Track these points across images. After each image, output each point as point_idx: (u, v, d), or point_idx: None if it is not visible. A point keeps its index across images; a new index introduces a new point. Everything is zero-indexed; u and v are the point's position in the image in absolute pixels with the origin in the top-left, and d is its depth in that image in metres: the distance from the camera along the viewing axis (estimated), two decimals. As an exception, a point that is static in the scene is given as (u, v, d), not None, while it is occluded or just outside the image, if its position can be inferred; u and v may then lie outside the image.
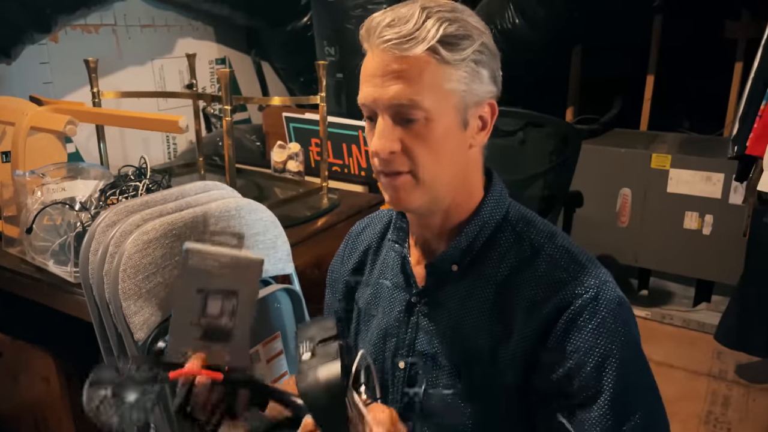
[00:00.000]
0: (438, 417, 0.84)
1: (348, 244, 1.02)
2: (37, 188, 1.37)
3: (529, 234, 0.81)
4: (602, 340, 0.72)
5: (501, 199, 0.83)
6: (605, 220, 2.85)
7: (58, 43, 2.44)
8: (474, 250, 0.81)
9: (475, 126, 0.77)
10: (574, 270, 0.76)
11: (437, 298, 0.83)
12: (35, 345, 1.53)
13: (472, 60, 0.73)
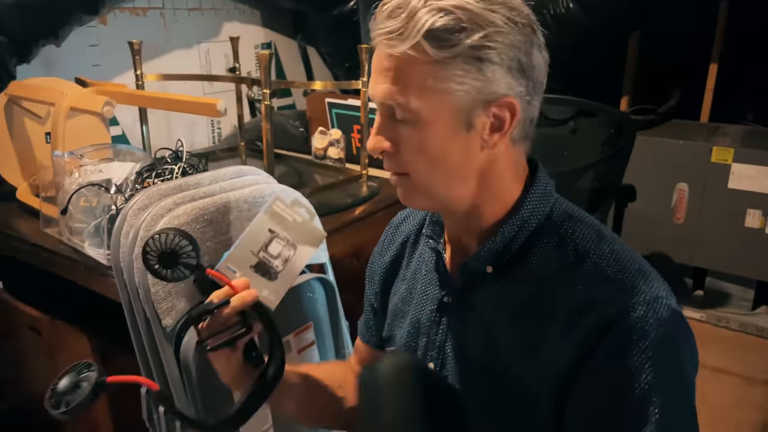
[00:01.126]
0: (466, 428, 0.78)
1: (387, 236, 0.99)
2: (75, 169, 1.37)
3: (574, 237, 0.72)
4: (646, 373, 0.63)
5: (545, 196, 0.75)
6: (660, 216, 2.71)
7: (107, 25, 2.46)
8: (511, 252, 0.74)
9: (484, 127, 0.68)
10: (621, 281, 0.67)
11: (470, 300, 0.77)
12: (72, 324, 1.54)
13: (470, 56, 0.64)
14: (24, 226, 1.60)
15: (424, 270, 0.87)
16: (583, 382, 0.67)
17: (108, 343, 1.51)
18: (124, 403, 1.52)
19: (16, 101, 1.70)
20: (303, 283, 1.36)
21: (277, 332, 0.87)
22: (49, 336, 1.60)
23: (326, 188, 1.89)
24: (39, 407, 1.75)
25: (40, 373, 1.69)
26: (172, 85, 2.44)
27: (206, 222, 1.20)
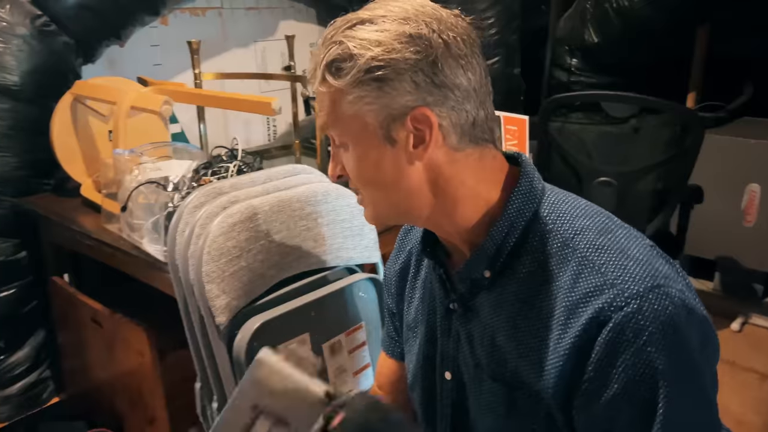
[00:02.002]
0: None
1: (397, 243, 0.96)
2: (135, 167, 1.40)
3: (563, 232, 0.69)
4: (646, 368, 0.60)
5: (529, 194, 0.72)
6: (728, 219, 2.57)
7: (168, 26, 2.52)
8: (503, 255, 0.71)
9: (408, 140, 0.68)
10: (614, 275, 0.63)
11: (473, 306, 0.75)
12: (132, 319, 1.58)
13: (366, 78, 0.66)
14: (88, 222, 1.66)
15: (431, 278, 0.85)
16: (584, 382, 0.63)
17: (165, 337, 1.54)
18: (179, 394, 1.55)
19: (81, 100, 1.76)
20: (355, 282, 1.35)
21: None
22: (109, 329, 1.64)
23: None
24: (101, 397, 1.81)
25: (102, 364, 1.74)
26: (228, 83, 2.48)
27: (260, 220, 1.20)
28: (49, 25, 1.85)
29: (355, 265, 1.40)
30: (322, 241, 1.31)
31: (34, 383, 1.98)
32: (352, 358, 1.35)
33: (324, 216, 1.31)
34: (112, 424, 1.74)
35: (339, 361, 1.33)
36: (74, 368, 1.91)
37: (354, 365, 1.36)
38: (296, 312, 1.24)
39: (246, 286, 1.18)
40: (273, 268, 1.23)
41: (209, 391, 1.25)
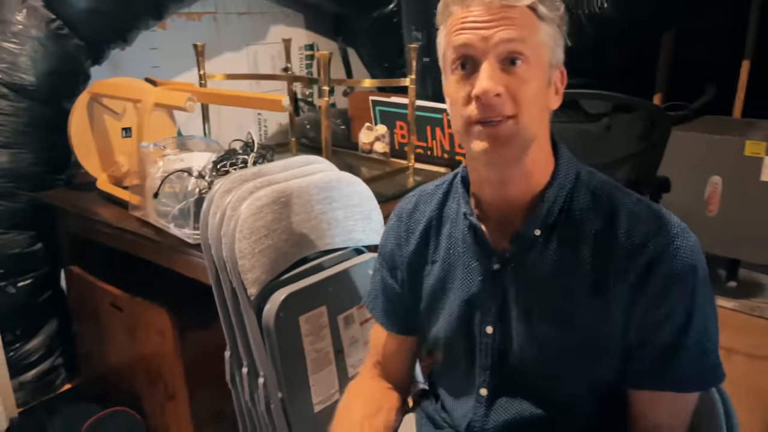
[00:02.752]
0: (529, 380, 0.88)
1: (402, 225, 1.01)
2: (159, 159, 1.52)
3: (604, 191, 0.85)
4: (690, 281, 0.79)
5: (571, 161, 0.88)
6: (693, 209, 2.77)
7: (166, 30, 2.63)
8: (554, 214, 0.85)
9: (553, 87, 0.83)
10: (654, 222, 0.81)
11: (522, 265, 0.87)
12: (152, 302, 1.69)
13: (557, 23, 0.81)
14: (107, 213, 1.76)
15: (460, 248, 0.92)
16: (640, 312, 0.81)
17: (184, 317, 1.66)
18: (198, 370, 1.67)
19: (98, 99, 1.87)
20: (363, 261, 1.49)
21: None
22: (129, 312, 1.75)
23: (376, 179, 2.02)
24: (118, 379, 1.91)
25: (121, 346, 1.85)
26: (222, 85, 2.60)
27: (283, 204, 1.34)
28: (62, 28, 1.96)
29: (364, 246, 1.54)
30: (335, 224, 1.45)
31: (47, 370, 2.07)
32: (362, 330, 1.49)
33: (337, 201, 1.45)
34: (130, 403, 1.85)
35: (351, 332, 1.47)
36: (90, 354, 2.01)
37: (364, 336, 1.49)
38: (315, 286, 1.37)
39: (272, 262, 1.32)
40: (294, 246, 1.37)
41: (238, 359, 1.38)
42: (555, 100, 0.84)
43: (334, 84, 1.83)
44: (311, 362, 1.37)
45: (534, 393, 0.89)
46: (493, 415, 0.91)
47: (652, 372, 0.82)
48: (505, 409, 0.91)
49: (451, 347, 0.96)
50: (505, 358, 0.90)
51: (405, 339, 1.06)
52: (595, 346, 0.84)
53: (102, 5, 2.01)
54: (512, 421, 0.90)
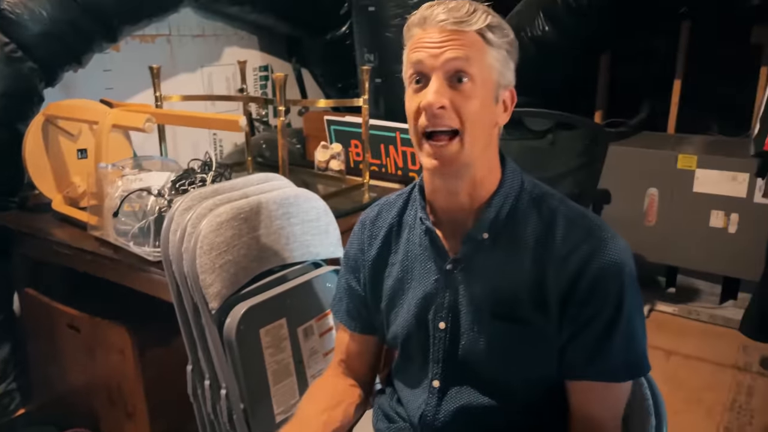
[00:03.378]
0: (477, 371, 0.96)
1: (365, 232, 1.10)
2: (118, 179, 1.55)
3: (544, 199, 0.95)
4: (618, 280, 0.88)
5: (515, 171, 0.98)
6: (633, 219, 2.94)
7: (120, 52, 2.64)
8: (501, 218, 0.94)
9: (501, 106, 0.92)
10: (588, 227, 0.91)
11: (472, 265, 0.96)
12: (111, 321, 1.70)
13: (505, 49, 0.89)
14: (63, 234, 1.77)
15: (417, 250, 1.01)
16: (573, 308, 0.89)
17: (145, 336, 1.68)
18: (158, 388, 1.69)
19: (52, 121, 1.88)
20: (322, 274, 1.55)
21: None
22: (88, 332, 1.76)
23: (332, 195, 2.08)
24: (76, 401, 1.90)
25: (78, 368, 1.84)
26: (178, 106, 2.62)
27: (242, 220, 1.38)
28: (16, 51, 1.96)
29: (322, 260, 1.60)
30: (294, 238, 1.50)
31: (1, 395, 2.03)
32: (322, 341, 1.54)
33: (295, 216, 1.50)
34: (88, 424, 1.84)
35: (311, 344, 1.52)
36: (46, 377, 1.99)
37: (324, 347, 1.55)
38: (275, 299, 1.42)
39: (233, 277, 1.36)
40: (254, 261, 1.41)
41: (200, 372, 1.41)
42: (503, 117, 0.94)
43: (290, 104, 1.89)
44: (272, 374, 1.41)
45: (481, 383, 0.97)
46: (443, 405, 0.99)
47: (583, 364, 0.91)
48: (454, 399, 0.98)
49: (407, 342, 1.04)
50: (455, 351, 0.98)
51: (367, 338, 1.14)
52: (536, 340, 0.92)
53: (56, 29, 2.03)
54: (461, 409, 0.97)
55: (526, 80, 2.04)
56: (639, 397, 1.01)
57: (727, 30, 3.04)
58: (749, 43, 2.92)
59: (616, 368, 0.90)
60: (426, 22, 0.88)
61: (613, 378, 0.91)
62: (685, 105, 3.17)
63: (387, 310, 1.07)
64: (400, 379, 1.09)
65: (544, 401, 0.96)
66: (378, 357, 1.18)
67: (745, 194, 2.66)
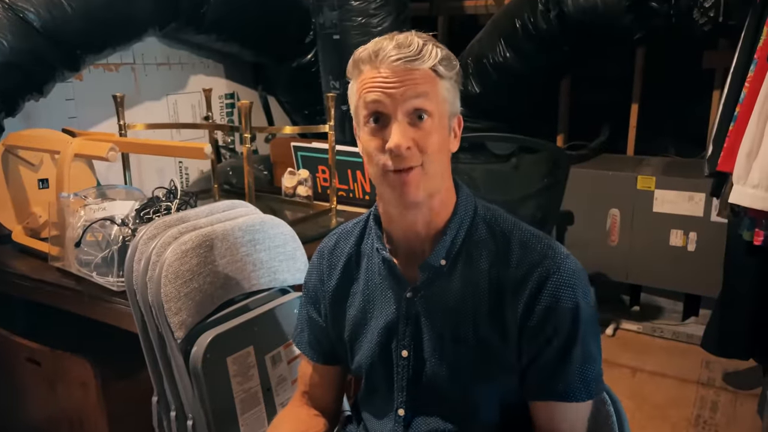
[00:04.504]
0: (441, 397, 0.97)
1: (324, 262, 1.09)
2: (80, 208, 1.53)
3: (498, 223, 0.97)
4: (573, 301, 0.90)
5: (469, 198, 0.99)
6: (596, 239, 3.00)
7: (83, 80, 2.62)
8: (457, 245, 0.96)
9: (452, 133, 0.95)
10: (542, 249, 0.93)
11: (431, 291, 0.97)
12: (72, 353, 1.66)
13: (454, 79, 0.92)
14: (23, 265, 1.73)
15: (377, 279, 1.01)
16: (530, 330, 0.91)
17: (108, 369, 1.64)
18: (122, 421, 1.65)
19: (13, 151, 1.85)
20: (289, 301, 1.54)
21: None
22: (48, 366, 1.71)
23: (300, 221, 2.08)
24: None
25: (39, 402, 1.79)
26: (142, 133, 2.61)
27: (208, 247, 1.38)
28: (-25, 81, 1.93)
29: (289, 286, 1.59)
30: (260, 265, 1.50)
31: (-44, 435, 1.96)
32: (290, 368, 1.53)
33: (261, 243, 1.50)
34: (49, 462, 1.78)
35: (279, 371, 1.51)
36: (4, 412, 1.92)
37: (292, 374, 1.53)
38: (241, 327, 1.41)
39: (198, 305, 1.35)
40: (220, 288, 1.41)
41: (166, 404, 1.38)
42: (454, 144, 0.96)
43: (256, 131, 1.90)
44: (240, 402, 1.39)
45: (446, 409, 0.97)
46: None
47: (543, 384, 0.92)
48: (420, 427, 0.99)
49: (371, 372, 1.03)
50: (419, 378, 0.98)
51: (329, 369, 1.14)
52: (497, 363, 0.93)
53: (17, 58, 2.01)
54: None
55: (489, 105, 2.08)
56: (603, 414, 1.03)
57: (681, 55, 3.17)
58: (701, 68, 3.04)
59: (575, 388, 0.92)
60: (377, 59, 0.87)
61: (572, 398, 0.92)
62: (642, 127, 3.28)
63: (350, 340, 1.06)
64: (366, 409, 1.09)
65: (509, 422, 0.97)
66: (341, 387, 1.18)
67: (702, 213, 2.75)
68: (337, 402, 1.18)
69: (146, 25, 2.51)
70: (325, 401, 1.16)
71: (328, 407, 1.16)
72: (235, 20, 2.90)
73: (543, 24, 2.69)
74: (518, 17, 2.76)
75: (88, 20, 2.17)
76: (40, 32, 2.03)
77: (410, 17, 2.89)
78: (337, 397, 1.17)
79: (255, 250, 1.49)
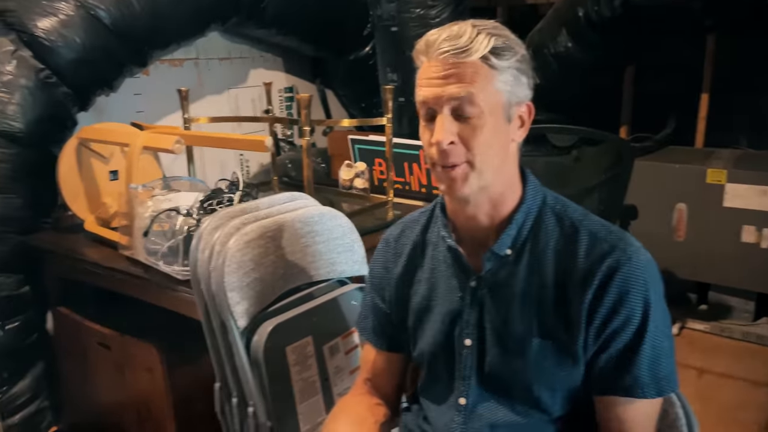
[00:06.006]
0: (503, 387, 0.96)
1: (389, 250, 1.11)
2: (148, 199, 1.59)
3: (567, 214, 0.95)
4: (644, 293, 0.88)
5: (537, 187, 0.97)
6: (662, 235, 2.90)
7: (149, 76, 2.72)
8: (523, 235, 0.95)
9: (516, 123, 0.92)
10: (612, 240, 0.91)
11: (496, 281, 0.96)
12: (139, 338, 1.73)
13: (514, 68, 0.88)
14: (95, 254, 1.81)
15: (442, 268, 1.02)
16: (598, 322, 0.89)
17: (172, 353, 1.70)
18: (186, 406, 1.70)
19: (85, 144, 1.93)
20: (348, 292, 1.56)
21: None
22: (118, 350, 1.79)
23: (356, 213, 2.09)
24: (106, 418, 1.92)
25: (109, 385, 1.87)
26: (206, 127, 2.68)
27: (269, 238, 1.40)
28: (50, 77, 2.03)
29: (346, 278, 1.61)
30: (319, 256, 1.52)
31: (34, 413, 2.07)
32: (347, 359, 1.55)
33: (320, 234, 1.52)
34: (119, 442, 1.86)
35: (337, 362, 1.53)
36: (77, 394, 2.02)
37: (350, 364, 1.55)
38: (301, 317, 1.43)
39: (259, 295, 1.38)
40: (281, 279, 1.43)
41: (228, 390, 1.42)
42: (520, 133, 0.94)
43: (314, 124, 1.92)
44: (299, 391, 1.42)
45: (507, 400, 0.96)
46: (471, 422, 0.98)
47: (609, 378, 0.90)
48: (481, 417, 0.98)
49: (434, 360, 1.04)
50: (481, 368, 0.98)
51: (392, 356, 1.14)
52: (562, 354, 0.92)
53: (89, 55, 2.09)
54: (489, 427, 0.97)
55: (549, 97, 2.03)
56: (671, 418, 0.99)
57: (754, 42, 3.01)
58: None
59: (643, 383, 0.89)
60: (429, 51, 0.87)
61: (640, 394, 0.90)
62: (712, 118, 3.13)
63: (414, 328, 1.07)
64: (426, 397, 1.09)
65: (572, 417, 0.95)
66: (403, 375, 1.18)
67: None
68: (398, 390, 1.18)
69: (209, 21, 2.58)
70: (386, 389, 1.16)
71: (389, 395, 1.16)
72: (294, 14, 2.94)
73: (607, 11, 2.61)
74: (580, 5, 2.68)
75: (154, 17, 2.24)
76: (111, 29, 2.11)
77: (469, 8, 2.85)
78: (398, 384, 1.17)
79: (314, 241, 1.51)
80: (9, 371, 2.00)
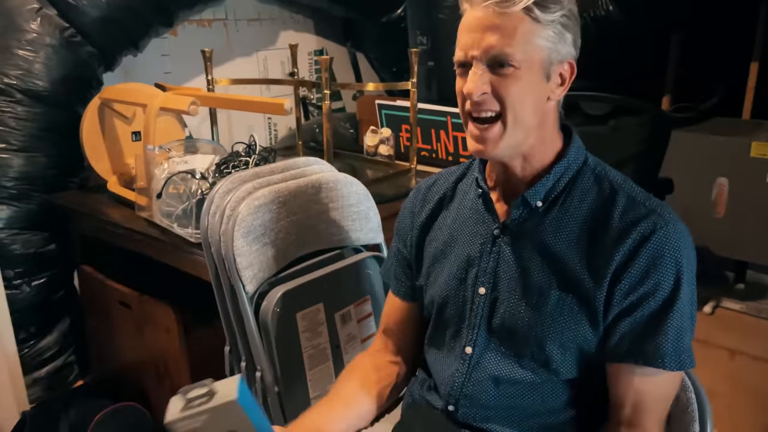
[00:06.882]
0: (513, 341, 0.94)
1: (419, 198, 1.11)
2: (164, 161, 1.58)
3: (607, 175, 0.93)
4: (677, 261, 0.85)
5: (581, 147, 0.96)
6: (700, 210, 2.77)
7: (177, 36, 2.70)
8: (558, 189, 0.92)
9: (555, 81, 0.88)
10: (650, 205, 0.88)
11: (521, 231, 0.94)
12: (158, 299, 1.75)
13: (559, 23, 0.85)
14: (116, 214, 1.83)
15: (467, 213, 1.01)
16: (627, 284, 0.86)
17: (189, 315, 1.71)
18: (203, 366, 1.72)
19: (108, 104, 1.93)
20: (362, 260, 1.53)
21: None
22: (138, 310, 1.81)
23: (379, 180, 2.06)
24: (128, 375, 1.97)
25: (130, 343, 1.91)
26: (233, 89, 2.66)
27: (281, 203, 1.38)
28: (75, 36, 2.03)
29: (361, 246, 1.58)
30: (333, 223, 1.49)
31: (61, 367, 2.14)
32: (360, 327, 1.53)
33: (335, 201, 1.49)
34: (139, 398, 1.90)
35: (348, 329, 1.51)
36: (101, 350, 2.07)
37: (362, 333, 1.53)
38: (312, 284, 1.41)
39: (270, 260, 1.36)
40: (292, 245, 1.41)
41: (237, 354, 1.42)
42: (559, 91, 0.90)
43: (338, 88, 1.88)
44: (308, 358, 1.41)
45: (516, 354, 0.93)
46: (475, 373, 0.96)
47: (631, 343, 0.87)
48: (486, 368, 0.95)
49: (444, 307, 1.02)
50: (492, 318, 0.96)
51: (410, 306, 1.13)
52: (580, 312, 0.88)
53: (114, 14, 2.08)
54: (491, 380, 0.95)
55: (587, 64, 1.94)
56: (683, 402, 0.95)
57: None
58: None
59: (666, 352, 0.85)
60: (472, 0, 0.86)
61: (662, 363, 0.85)
62: (761, 89, 2.95)
63: (428, 273, 1.06)
64: (432, 345, 1.07)
65: (579, 384, 0.92)
66: (420, 330, 1.14)
67: (826, 186, 2.46)
68: (415, 345, 1.15)
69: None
70: (403, 341, 1.15)
71: (405, 349, 1.15)
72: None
73: (652, -28, 2.46)
74: (624, -35, 2.53)
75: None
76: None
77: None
78: (415, 338, 1.14)
79: (328, 208, 1.48)
80: (36, 326, 2.05)
